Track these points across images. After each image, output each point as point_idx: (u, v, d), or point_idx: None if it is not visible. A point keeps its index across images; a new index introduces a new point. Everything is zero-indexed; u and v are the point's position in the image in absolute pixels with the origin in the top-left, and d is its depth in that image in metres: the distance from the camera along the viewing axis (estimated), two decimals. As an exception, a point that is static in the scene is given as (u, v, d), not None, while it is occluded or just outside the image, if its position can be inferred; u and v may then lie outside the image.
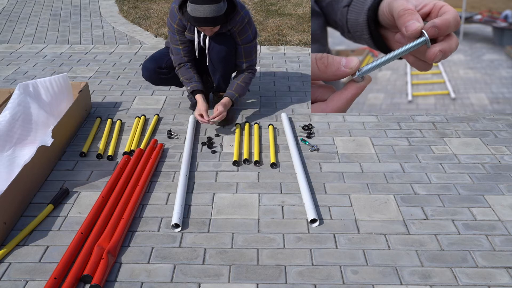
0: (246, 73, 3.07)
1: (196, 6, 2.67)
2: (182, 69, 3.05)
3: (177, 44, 3.00)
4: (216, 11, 2.68)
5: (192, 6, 2.69)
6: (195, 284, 1.83)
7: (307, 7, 6.13)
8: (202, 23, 2.73)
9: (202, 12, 2.67)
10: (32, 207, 2.28)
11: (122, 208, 2.20)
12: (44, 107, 2.72)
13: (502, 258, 1.97)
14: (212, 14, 2.68)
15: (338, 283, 1.85)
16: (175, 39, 2.99)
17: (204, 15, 2.68)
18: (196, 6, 2.67)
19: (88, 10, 6.18)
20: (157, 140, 2.84)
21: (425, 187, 2.45)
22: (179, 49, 3.01)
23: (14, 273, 1.87)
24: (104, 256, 1.88)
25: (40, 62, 4.26)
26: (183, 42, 2.99)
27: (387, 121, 3.14)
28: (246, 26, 2.91)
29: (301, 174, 2.47)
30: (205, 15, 2.68)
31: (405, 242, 2.06)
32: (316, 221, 2.16)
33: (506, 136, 2.96)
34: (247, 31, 2.93)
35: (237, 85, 3.04)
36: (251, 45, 3.00)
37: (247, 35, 2.94)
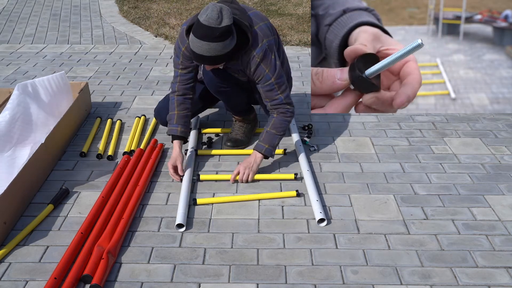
0: (275, 115, 2.49)
1: (194, 38, 2.18)
2: (170, 101, 2.60)
3: (178, 68, 2.54)
4: (217, 50, 2.18)
5: (191, 37, 2.21)
6: (195, 284, 1.83)
7: (307, 7, 6.13)
8: (198, 59, 2.27)
9: (199, 48, 2.19)
10: (32, 207, 2.28)
11: (122, 208, 2.20)
12: (44, 107, 2.72)
13: (502, 258, 1.97)
14: (210, 53, 2.19)
15: (338, 283, 1.85)
16: (177, 62, 2.53)
17: (200, 52, 2.20)
18: (194, 39, 2.19)
19: (88, 10, 6.18)
20: (157, 140, 2.84)
21: (425, 187, 2.45)
22: (177, 73, 2.55)
23: (14, 273, 1.87)
24: (104, 256, 1.88)
25: (40, 62, 4.26)
26: (185, 67, 2.51)
27: (387, 121, 3.14)
28: (261, 66, 2.37)
29: (308, 175, 2.47)
30: (202, 52, 2.20)
31: (405, 242, 2.06)
32: (324, 220, 2.16)
33: (506, 136, 2.96)
34: (263, 71, 2.38)
35: (266, 133, 2.48)
36: (271, 84, 2.41)
37: (264, 75, 2.39)
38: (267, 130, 2.49)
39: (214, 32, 2.13)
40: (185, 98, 2.57)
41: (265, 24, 2.44)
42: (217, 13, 2.13)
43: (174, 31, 5.18)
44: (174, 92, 2.57)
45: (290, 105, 2.49)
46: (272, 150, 2.49)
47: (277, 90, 2.43)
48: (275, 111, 2.49)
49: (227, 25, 2.15)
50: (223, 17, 2.14)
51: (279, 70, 2.42)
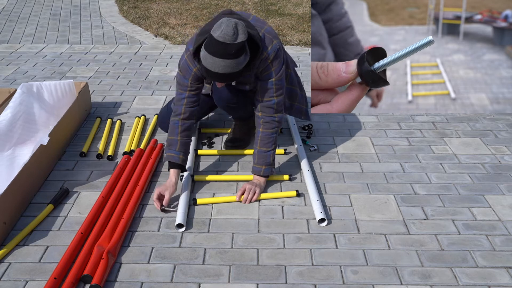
0: (260, 129, 2.40)
1: (208, 55, 2.08)
2: (172, 125, 2.41)
3: (185, 90, 2.37)
4: (233, 67, 2.10)
5: (204, 54, 2.10)
6: (195, 284, 1.83)
7: (307, 7, 6.13)
8: (213, 77, 2.16)
9: (215, 67, 2.09)
10: (32, 207, 2.28)
11: (122, 208, 2.19)
12: (46, 108, 2.72)
13: (502, 258, 1.97)
14: (226, 71, 2.10)
15: (338, 283, 1.85)
16: (185, 84, 2.36)
17: (216, 70, 2.10)
18: (208, 56, 2.08)
19: (88, 10, 6.18)
20: (157, 140, 2.84)
21: (425, 187, 2.45)
22: (184, 95, 2.38)
23: (14, 273, 1.87)
24: (104, 256, 1.88)
25: (40, 62, 4.26)
26: (195, 89, 2.38)
27: (387, 121, 3.14)
28: (269, 64, 2.31)
29: (309, 175, 2.47)
30: (217, 70, 2.10)
31: (405, 242, 2.06)
32: (325, 220, 2.16)
33: (506, 136, 2.96)
34: (269, 69, 2.32)
35: (258, 154, 2.40)
36: (270, 82, 2.33)
37: (269, 73, 2.32)
38: (257, 150, 2.40)
39: (230, 49, 2.05)
40: (190, 123, 2.42)
41: (268, 27, 2.40)
42: (233, 29, 2.04)
43: (174, 31, 5.18)
44: (179, 115, 2.38)
45: (278, 114, 2.40)
46: (270, 167, 2.40)
47: (274, 91, 2.35)
48: (261, 119, 2.39)
49: (242, 41, 2.07)
50: (239, 32, 2.06)
51: (282, 74, 2.36)
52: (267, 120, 2.39)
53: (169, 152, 2.36)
